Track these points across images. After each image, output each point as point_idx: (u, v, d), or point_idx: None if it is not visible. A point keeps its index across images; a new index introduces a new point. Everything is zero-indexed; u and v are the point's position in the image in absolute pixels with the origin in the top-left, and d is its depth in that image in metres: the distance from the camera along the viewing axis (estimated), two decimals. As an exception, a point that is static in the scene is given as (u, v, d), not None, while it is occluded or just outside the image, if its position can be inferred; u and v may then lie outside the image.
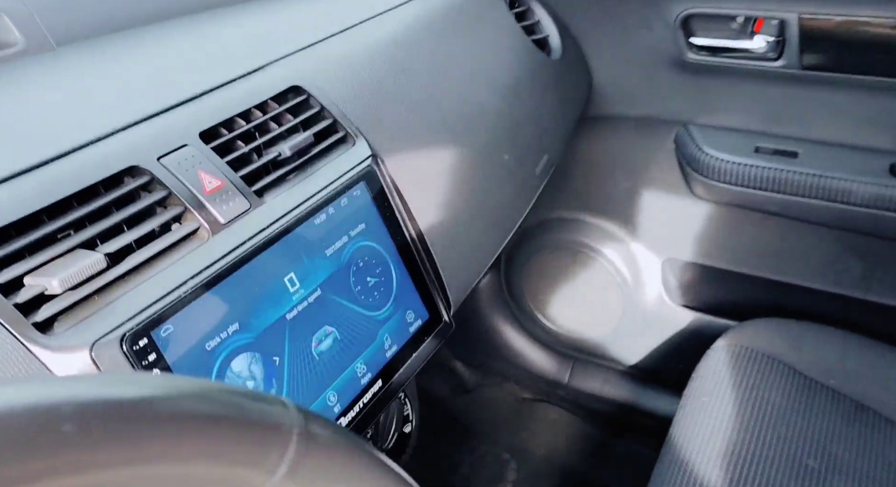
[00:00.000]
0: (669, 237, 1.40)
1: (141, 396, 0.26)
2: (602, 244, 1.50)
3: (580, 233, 1.52)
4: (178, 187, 0.62)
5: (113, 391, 0.26)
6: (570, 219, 1.52)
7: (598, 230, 1.50)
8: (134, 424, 0.25)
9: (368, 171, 0.75)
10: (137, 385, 0.27)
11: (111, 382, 0.27)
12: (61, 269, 0.53)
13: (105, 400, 0.25)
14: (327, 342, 0.68)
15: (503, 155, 0.95)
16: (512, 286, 1.69)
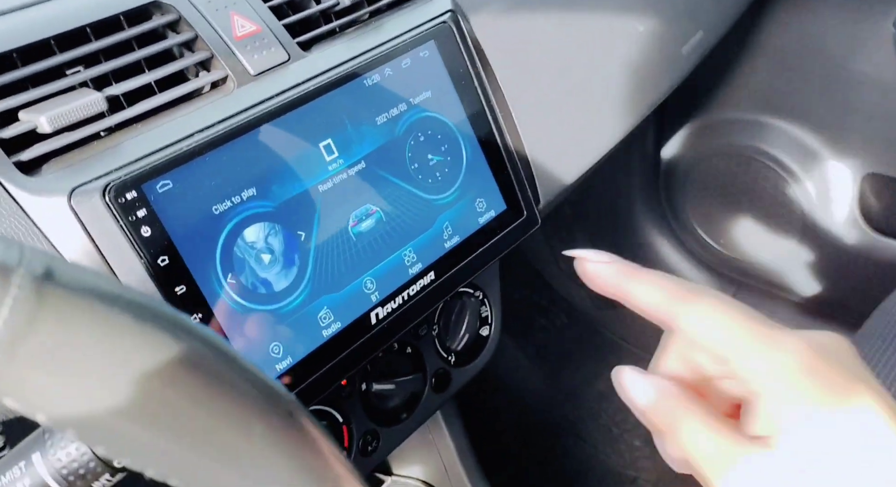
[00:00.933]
0: (876, 146, 1.14)
1: None
2: (785, 151, 1.27)
3: (758, 137, 1.30)
4: (204, 29, 0.55)
5: None
6: (745, 120, 1.29)
7: (781, 134, 1.27)
8: None
9: (442, 29, 0.63)
10: None
11: None
12: (54, 107, 0.49)
13: None
14: (368, 222, 0.59)
15: (636, 24, 0.78)
16: (672, 195, 1.51)
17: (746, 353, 0.32)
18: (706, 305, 0.34)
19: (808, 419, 0.31)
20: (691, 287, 0.35)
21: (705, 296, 0.34)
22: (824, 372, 0.31)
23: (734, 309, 0.33)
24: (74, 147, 0.50)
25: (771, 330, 0.32)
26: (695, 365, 0.36)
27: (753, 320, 0.33)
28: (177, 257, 0.49)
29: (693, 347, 0.36)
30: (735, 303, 0.34)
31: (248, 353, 0.52)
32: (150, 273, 0.48)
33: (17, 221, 0.46)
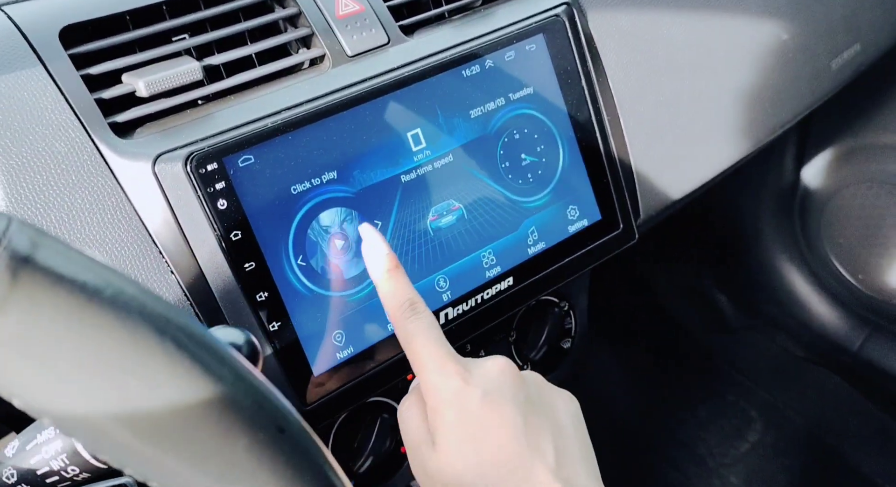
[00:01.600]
0: None
1: None
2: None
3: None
4: (308, 5, 0.55)
5: None
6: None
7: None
8: None
9: (554, 22, 0.60)
10: None
11: None
12: (153, 72, 0.50)
13: None
14: (449, 218, 0.57)
15: (780, 33, 0.70)
16: (807, 222, 1.39)
17: (422, 374, 0.44)
18: (409, 328, 0.45)
19: (450, 431, 0.42)
20: (408, 306, 0.45)
21: (410, 321, 0.45)
22: (465, 399, 0.42)
23: (423, 336, 0.44)
24: (170, 113, 0.51)
25: (442, 363, 0.43)
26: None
27: (434, 347, 0.44)
28: (249, 233, 0.49)
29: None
30: (427, 329, 0.44)
31: (311, 338, 0.52)
32: (221, 246, 0.48)
33: (105, 181, 0.47)
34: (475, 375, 0.43)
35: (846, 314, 1.43)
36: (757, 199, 1.42)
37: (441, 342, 0.44)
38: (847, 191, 1.28)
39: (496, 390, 0.43)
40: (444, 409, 0.42)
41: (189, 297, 0.48)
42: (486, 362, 0.45)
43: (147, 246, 0.47)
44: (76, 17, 0.49)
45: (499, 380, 0.43)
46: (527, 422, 0.42)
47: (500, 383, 0.43)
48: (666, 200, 0.67)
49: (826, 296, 1.44)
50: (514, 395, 0.43)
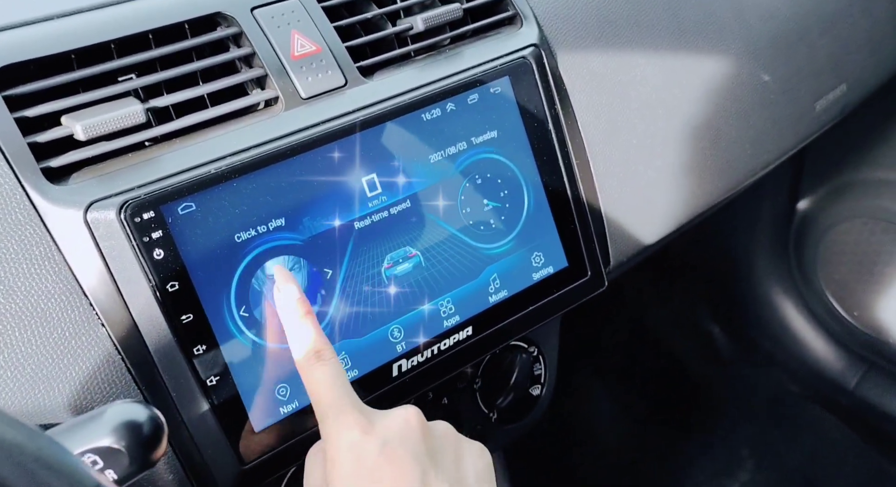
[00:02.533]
0: None
1: None
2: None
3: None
4: (262, 45, 0.53)
5: None
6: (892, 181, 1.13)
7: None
8: None
9: (520, 64, 0.57)
10: None
11: None
12: (91, 115, 0.48)
13: None
14: (405, 266, 0.55)
15: (761, 73, 0.68)
16: (802, 257, 1.36)
17: (323, 422, 0.44)
18: (315, 375, 0.45)
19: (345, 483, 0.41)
20: (314, 354, 0.45)
21: (316, 367, 0.45)
22: (361, 451, 0.42)
23: (327, 383, 0.44)
24: (112, 156, 0.49)
25: (342, 412, 0.43)
26: None
27: (338, 394, 0.44)
28: (188, 284, 0.47)
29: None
30: (332, 378, 0.44)
31: (252, 392, 0.50)
32: (156, 298, 0.46)
33: (34, 229, 0.45)
34: (377, 426, 0.43)
35: (842, 351, 1.40)
36: (751, 232, 1.39)
37: (345, 391, 0.44)
38: (842, 226, 1.25)
39: (396, 441, 0.42)
40: (340, 460, 0.42)
41: (120, 352, 0.46)
42: (392, 413, 0.44)
43: (76, 297, 0.45)
44: (15, 57, 0.47)
45: (401, 432, 0.43)
46: (424, 476, 0.41)
47: (402, 435, 0.43)
48: (638, 245, 0.65)
49: (821, 332, 1.41)
50: (414, 448, 0.42)
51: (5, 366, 0.43)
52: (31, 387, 0.43)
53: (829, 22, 0.73)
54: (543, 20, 0.61)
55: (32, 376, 0.43)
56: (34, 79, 0.48)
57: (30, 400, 0.43)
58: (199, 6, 0.53)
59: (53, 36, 0.49)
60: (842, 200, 1.24)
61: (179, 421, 0.48)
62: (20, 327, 0.44)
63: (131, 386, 0.46)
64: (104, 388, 0.45)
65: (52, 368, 0.44)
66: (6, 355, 0.43)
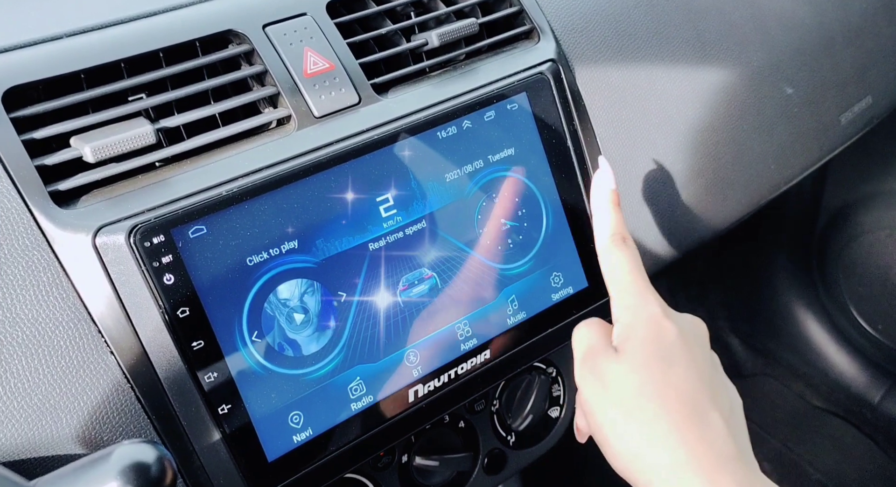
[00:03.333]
0: None
1: None
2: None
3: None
4: (274, 63, 0.52)
5: None
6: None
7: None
8: None
9: (537, 80, 0.56)
10: None
11: None
12: (100, 137, 0.47)
13: None
14: (421, 288, 0.53)
15: (784, 86, 0.66)
16: (825, 268, 1.33)
17: (621, 296, 0.47)
18: (617, 255, 0.48)
19: (640, 347, 0.44)
20: (621, 238, 0.49)
21: (620, 249, 0.48)
22: (662, 326, 0.45)
23: (630, 265, 0.48)
24: (121, 178, 0.48)
25: (644, 291, 0.47)
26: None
27: (638, 277, 0.47)
28: (199, 309, 0.46)
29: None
30: (634, 261, 0.48)
31: (265, 420, 0.48)
32: (166, 324, 0.45)
33: (41, 254, 0.44)
34: (672, 314, 0.46)
35: (866, 365, 1.37)
36: (773, 244, 1.36)
37: (645, 277, 0.47)
38: (866, 238, 1.22)
39: (691, 334, 0.45)
40: (639, 327, 0.45)
41: (130, 380, 0.45)
42: (684, 314, 0.48)
43: (84, 324, 0.44)
44: (23, 78, 0.47)
45: (694, 329, 0.46)
46: (711, 376, 0.45)
47: (695, 331, 0.46)
48: (659, 263, 0.63)
49: (845, 345, 1.38)
50: (703, 349, 0.46)
51: (12, 397, 0.42)
52: (38, 419, 0.42)
53: (853, 32, 0.71)
54: (561, 34, 0.59)
55: (40, 407, 0.42)
56: (42, 99, 0.47)
57: (37, 432, 0.42)
58: (211, 23, 0.52)
59: (62, 56, 0.48)
60: (865, 211, 1.21)
61: (191, 451, 0.46)
62: (27, 356, 0.42)
63: (141, 415, 0.45)
64: (113, 418, 0.44)
65: (60, 398, 0.43)
66: (13, 385, 0.42)
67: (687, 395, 0.43)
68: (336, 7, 0.55)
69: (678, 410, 0.42)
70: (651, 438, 0.42)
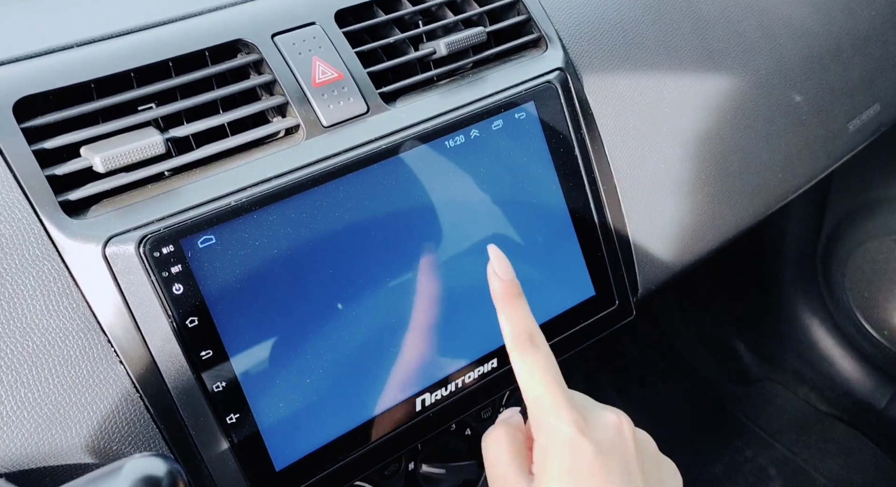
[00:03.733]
0: None
1: None
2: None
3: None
4: (283, 72, 0.52)
5: None
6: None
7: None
8: None
9: (545, 89, 0.56)
10: None
11: None
12: (111, 147, 0.47)
13: None
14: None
15: (793, 94, 0.66)
16: (830, 274, 1.33)
17: (535, 412, 0.43)
18: (526, 361, 0.43)
19: (557, 478, 0.41)
20: (527, 338, 0.44)
21: (528, 354, 0.44)
22: (578, 450, 0.41)
23: (541, 373, 0.43)
24: (131, 188, 0.48)
25: (557, 405, 0.42)
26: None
27: (551, 387, 0.43)
28: (207, 319, 0.46)
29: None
30: (545, 364, 0.43)
31: (273, 429, 0.48)
32: (175, 333, 0.45)
33: (51, 265, 0.44)
34: (591, 427, 0.43)
35: (872, 370, 1.36)
36: (778, 249, 1.36)
37: (559, 381, 0.44)
38: (871, 243, 1.22)
39: (611, 450, 0.42)
40: (554, 453, 0.42)
41: (139, 389, 0.45)
42: (603, 413, 0.44)
43: (94, 334, 0.44)
44: (34, 88, 0.47)
45: (614, 440, 0.43)
46: (633, 484, 0.42)
47: (615, 443, 0.43)
48: (667, 273, 0.63)
49: (850, 351, 1.38)
50: (626, 461, 0.42)
51: (22, 406, 0.42)
52: (48, 428, 0.42)
53: (861, 40, 0.71)
54: (569, 43, 0.59)
55: (49, 416, 0.42)
56: (52, 109, 0.47)
57: (47, 442, 0.42)
58: (220, 33, 0.52)
59: (72, 66, 0.48)
60: (870, 217, 1.21)
61: (199, 460, 0.47)
62: (37, 366, 0.43)
63: (150, 425, 0.45)
64: (123, 428, 0.44)
65: (70, 408, 0.43)
66: (23, 395, 0.42)
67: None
68: (344, 16, 0.55)
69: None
70: None
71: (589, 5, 0.61)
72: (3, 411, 0.41)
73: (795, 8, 0.69)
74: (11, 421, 0.41)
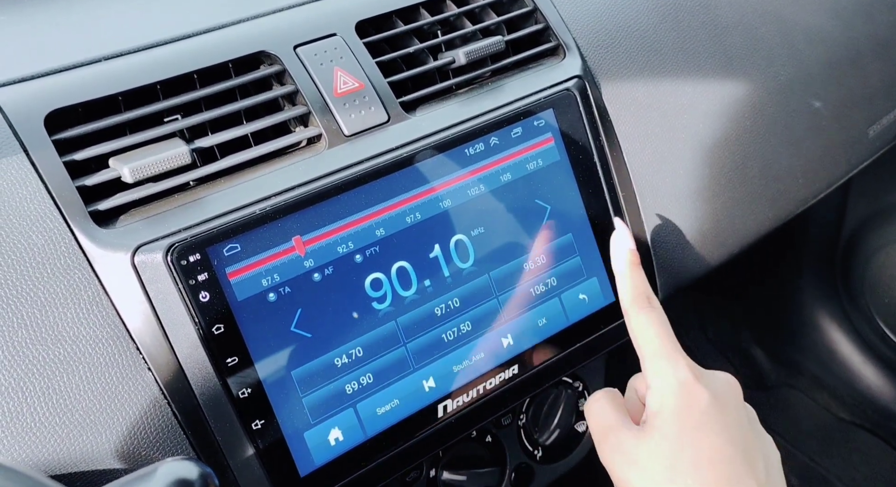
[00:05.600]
0: None
1: None
2: None
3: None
4: (305, 83, 0.53)
5: None
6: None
7: None
8: None
9: (564, 97, 0.57)
10: None
11: None
12: (139, 157, 0.48)
13: None
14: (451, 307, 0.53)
15: (812, 100, 0.66)
16: (849, 279, 1.32)
17: (652, 361, 0.46)
18: (643, 318, 0.48)
19: (671, 418, 0.44)
20: (645, 299, 0.48)
21: (645, 312, 0.48)
22: (693, 394, 0.44)
23: (657, 327, 0.47)
24: (158, 197, 0.49)
25: (673, 354, 0.46)
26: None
27: (667, 339, 0.47)
28: (233, 326, 0.47)
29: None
30: (660, 322, 0.48)
31: (297, 435, 0.49)
32: (202, 340, 0.46)
33: (82, 273, 0.45)
34: (704, 376, 0.45)
35: (893, 376, 1.35)
36: (796, 254, 1.35)
37: (673, 338, 0.47)
38: (891, 248, 1.21)
39: (724, 398, 0.44)
40: (669, 395, 0.44)
41: (167, 396, 0.46)
42: (715, 372, 0.47)
43: (123, 341, 0.45)
44: (64, 101, 0.48)
45: (727, 391, 0.45)
46: (745, 439, 0.44)
47: (728, 394, 0.45)
48: (686, 278, 0.63)
49: (871, 357, 1.37)
50: (737, 410, 0.45)
51: (55, 412, 0.43)
52: (79, 434, 0.43)
53: (881, 45, 0.71)
54: (587, 50, 0.60)
55: (81, 422, 0.43)
56: (82, 122, 0.49)
57: (79, 448, 0.43)
58: (243, 45, 0.53)
59: (100, 79, 0.49)
60: (890, 222, 1.20)
61: (225, 466, 0.47)
62: (68, 373, 0.43)
63: (177, 431, 0.46)
64: (151, 434, 0.45)
65: (100, 414, 0.44)
66: (55, 401, 0.43)
67: (721, 464, 0.42)
68: (365, 27, 0.56)
69: (713, 481, 0.42)
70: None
71: (606, 13, 0.62)
72: (37, 417, 0.42)
73: (814, 14, 0.69)
74: (45, 427, 0.42)
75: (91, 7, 0.57)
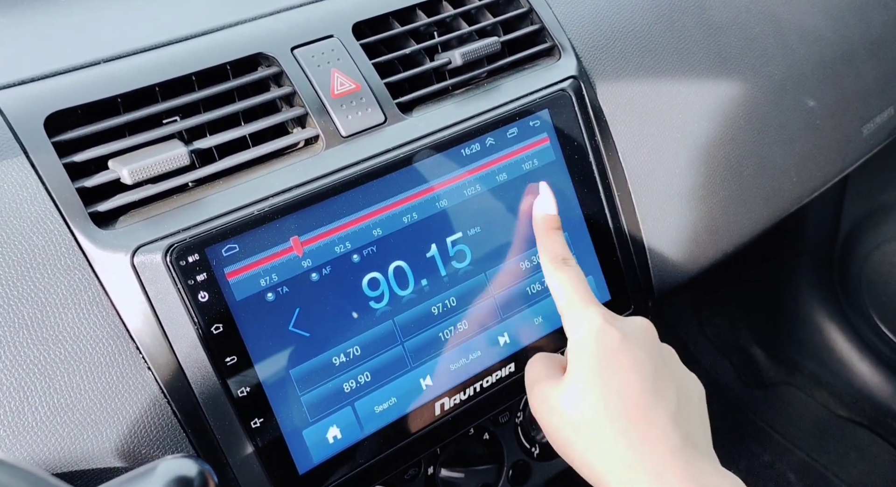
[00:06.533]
0: None
1: None
2: None
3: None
4: (302, 84, 0.53)
5: None
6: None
7: None
8: None
9: (559, 97, 0.57)
10: None
11: None
12: (138, 159, 0.48)
13: None
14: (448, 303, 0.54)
15: (806, 99, 0.67)
16: (847, 277, 1.32)
17: (568, 314, 0.48)
18: (559, 274, 0.49)
19: (585, 360, 0.46)
20: (561, 259, 0.50)
21: (560, 269, 0.50)
22: (605, 335, 0.46)
23: (572, 282, 0.49)
24: (157, 199, 0.49)
25: (586, 304, 0.48)
26: None
27: (581, 292, 0.48)
28: (232, 325, 0.47)
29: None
30: (576, 279, 0.49)
31: (296, 434, 0.49)
32: (201, 340, 0.46)
33: (82, 274, 0.45)
34: (618, 320, 0.47)
35: (890, 374, 1.35)
36: (794, 253, 1.36)
37: (589, 291, 0.49)
38: (888, 246, 1.22)
39: (635, 337, 0.46)
40: (582, 342, 0.46)
41: (166, 395, 0.46)
42: (632, 317, 0.49)
43: (123, 341, 0.45)
44: (64, 103, 0.48)
45: (639, 331, 0.47)
46: (656, 372, 0.45)
47: (639, 333, 0.47)
48: (682, 277, 0.63)
49: (868, 354, 1.37)
50: (649, 347, 0.47)
51: (56, 412, 0.43)
52: (79, 433, 0.44)
53: (875, 44, 0.71)
54: (582, 51, 0.60)
55: (81, 421, 0.44)
56: (81, 124, 0.49)
57: (79, 446, 0.43)
58: (241, 47, 0.53)
59: (100, 81, 0.50)
60: (887, 220, 1.21)
61: (224, 464, 0.48)
62: (69, 372, 0.44)
63: (177, 429, 0.46)
64: (151, 433, 0.45)
65: (101, 413, 0.44)
66: (56, 400, 0.43)
67: (630, 398, 0.44)
68: (361, 29, 0.56)
69: (623, 414, 0.44)
70: (601, 446, 0.44)
71: (601, 14, 0.62)
72: (38, 416, 0.43)
73: (808, 13, 0.69)
74: (46, 426, 0.43)
75: (90, 9, 0.58)
